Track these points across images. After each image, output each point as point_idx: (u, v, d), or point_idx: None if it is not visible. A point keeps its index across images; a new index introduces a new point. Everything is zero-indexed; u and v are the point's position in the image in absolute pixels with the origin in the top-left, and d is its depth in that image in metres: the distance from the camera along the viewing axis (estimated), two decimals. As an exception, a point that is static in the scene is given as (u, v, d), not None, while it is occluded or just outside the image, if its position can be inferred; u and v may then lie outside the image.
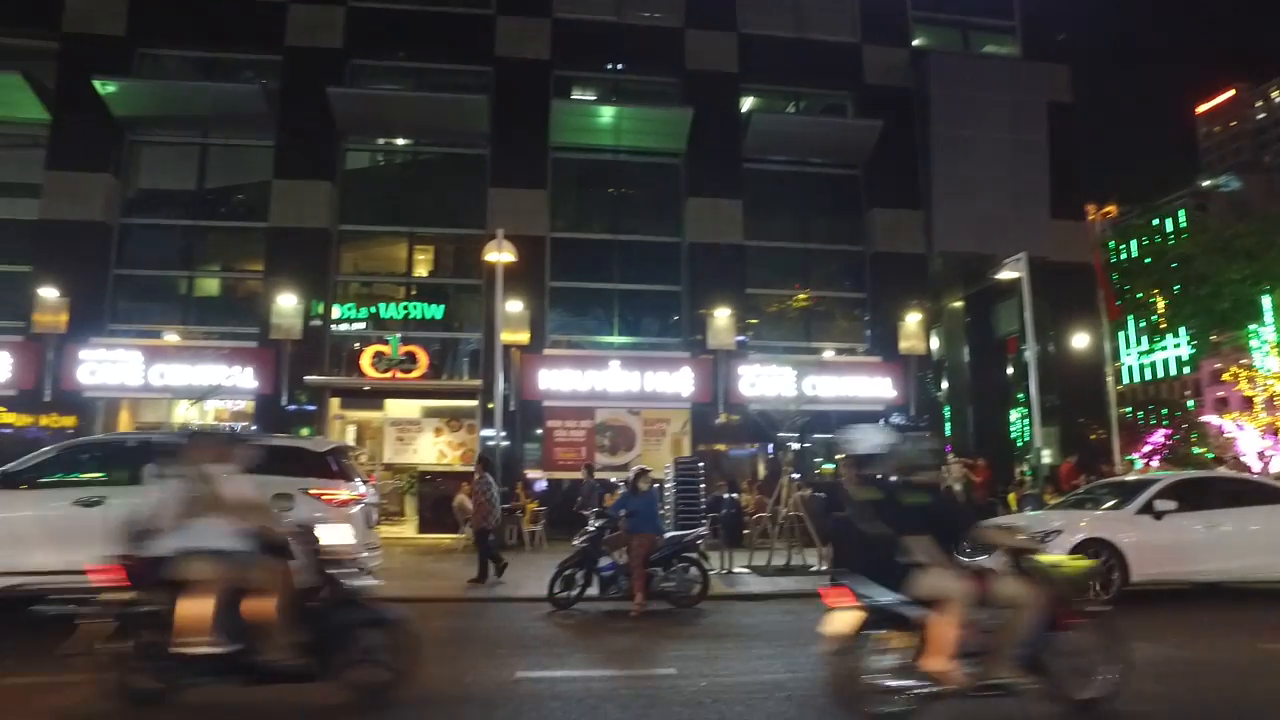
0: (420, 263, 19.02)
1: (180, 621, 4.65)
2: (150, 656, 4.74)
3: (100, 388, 16.76)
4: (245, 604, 4.78)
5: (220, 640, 4.70)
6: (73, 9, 17.83)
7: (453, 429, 18.04)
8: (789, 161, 19.79)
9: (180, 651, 4.65)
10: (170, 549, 4.84)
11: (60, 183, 17.21)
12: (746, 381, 17.87)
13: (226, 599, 4.74)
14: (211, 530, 4.93)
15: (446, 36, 18.71)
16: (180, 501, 4.97)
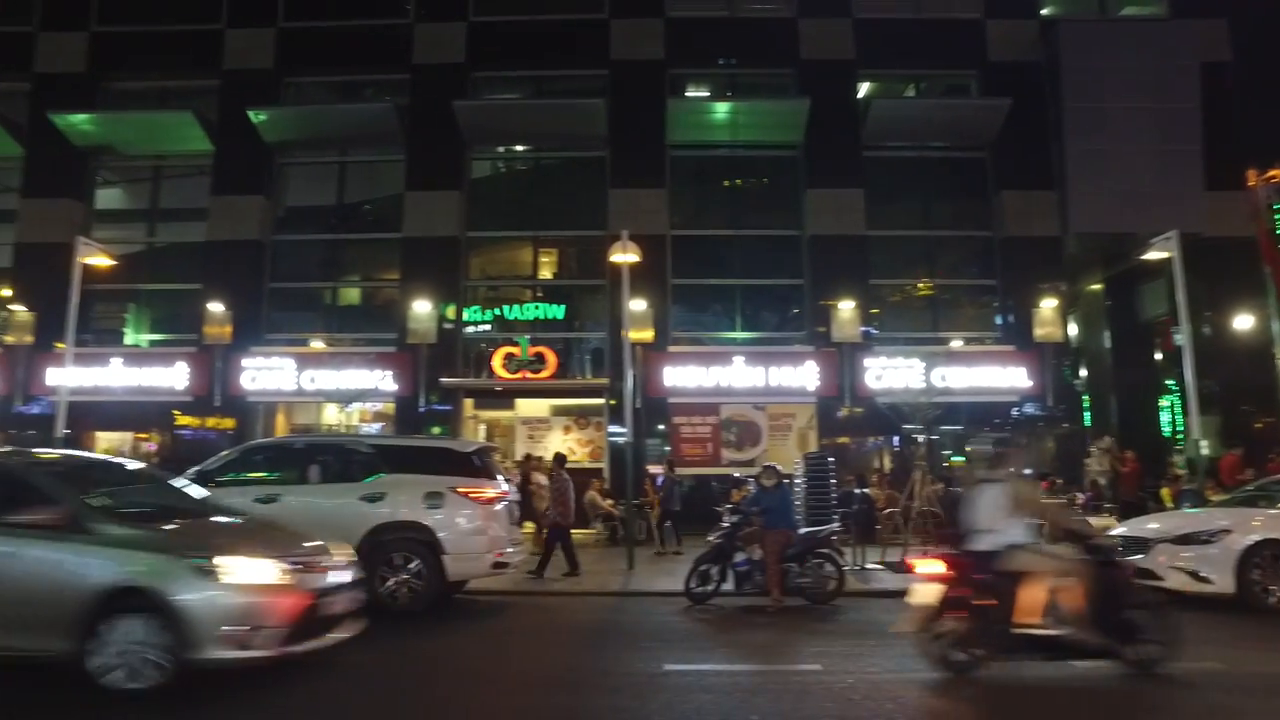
0: (544, 265, 19.59)
1: (1021, 605, 5.64)
2: (989, 635, 5.70)
3: (260, 392, 18.18)
4: (1062, 591, 5.69)
5: (1050, 623, 5.71)
6: (231, 50, 19.39)
7: (581, 426, 18.54)
8: (910, 147, 19.19)
9: (1021, 632, 5.66)
10: (996, 544, 5.80)
11: (222, 206, 18.80)
12: (872, 374, 17.51)
13: (1056, 587, 5.72)
14: (1016, 526, 5.87)
15: (562, 43, 19.18)
16: (1003, 502, 5.86)
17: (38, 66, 19.54)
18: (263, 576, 5.35)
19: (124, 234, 19.84)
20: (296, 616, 5.41)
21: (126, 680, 5.04)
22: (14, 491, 5.61)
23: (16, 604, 5.15)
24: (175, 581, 5.14)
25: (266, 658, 5.28)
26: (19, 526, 5.35)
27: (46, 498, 5.48)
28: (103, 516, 5.56)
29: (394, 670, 6.32)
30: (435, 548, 8.39)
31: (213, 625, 5.10)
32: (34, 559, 5.25)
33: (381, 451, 9.12)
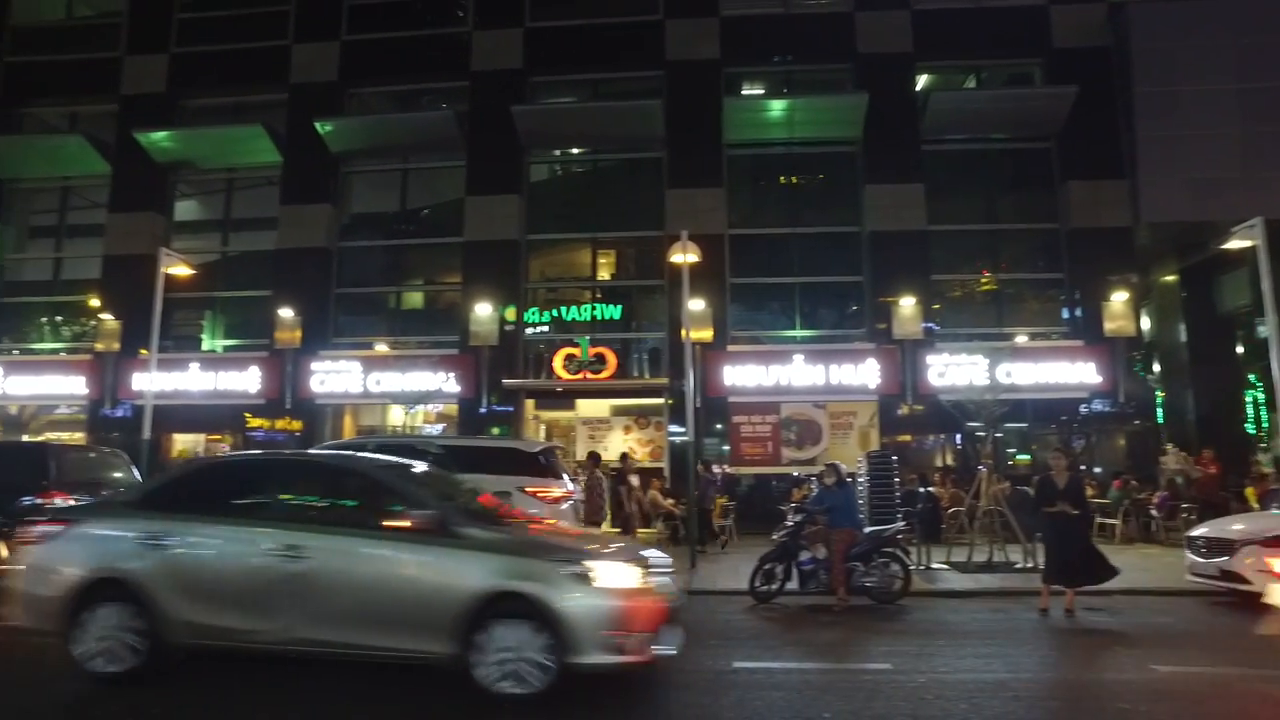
0: (603, 266, 19.73)
1: None
2: None
3: (328, 395, 18.75)
4: None
5: None
6: (298, 64, 20.08)
7: (641, 426, 18.66)
8: (971, 139, 18.80)
9: None
10: None
11: (291, 215, 19.47)
12: (935, 371, 17.23)
13: None
14: None
15: (618, 46, 19.33)
16: None
17: (124, 89, 20.54)
18: (630, 581, 5.36)
19: (200, 244, 20.66)
20: (660, 620, 5.52)
21: (511, 685, 5.09)
22: (379, 497, 5.82)
23: (398, 608, 5.25)
24: (556, 587, 5.15)
25: (639, 662, 5.31)
26: (397, 531, 5.45)
27: (417, 502, 5.61)
28: (465, 520, 5.64)
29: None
30: None
31: (594, 630, 5.11)
32: (413, 563, 5.35)
33: (450, 452, 9.35)
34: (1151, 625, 8.17)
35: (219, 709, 5.32)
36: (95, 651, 5.42)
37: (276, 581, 5.36)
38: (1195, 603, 9.23)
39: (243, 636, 5.42)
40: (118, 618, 5.42)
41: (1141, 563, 11.97)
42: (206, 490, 6.10)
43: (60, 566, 5.59)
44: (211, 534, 5.62)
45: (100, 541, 5.67)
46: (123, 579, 5.46)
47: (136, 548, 5.53)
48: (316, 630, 5.31)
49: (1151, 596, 9.63)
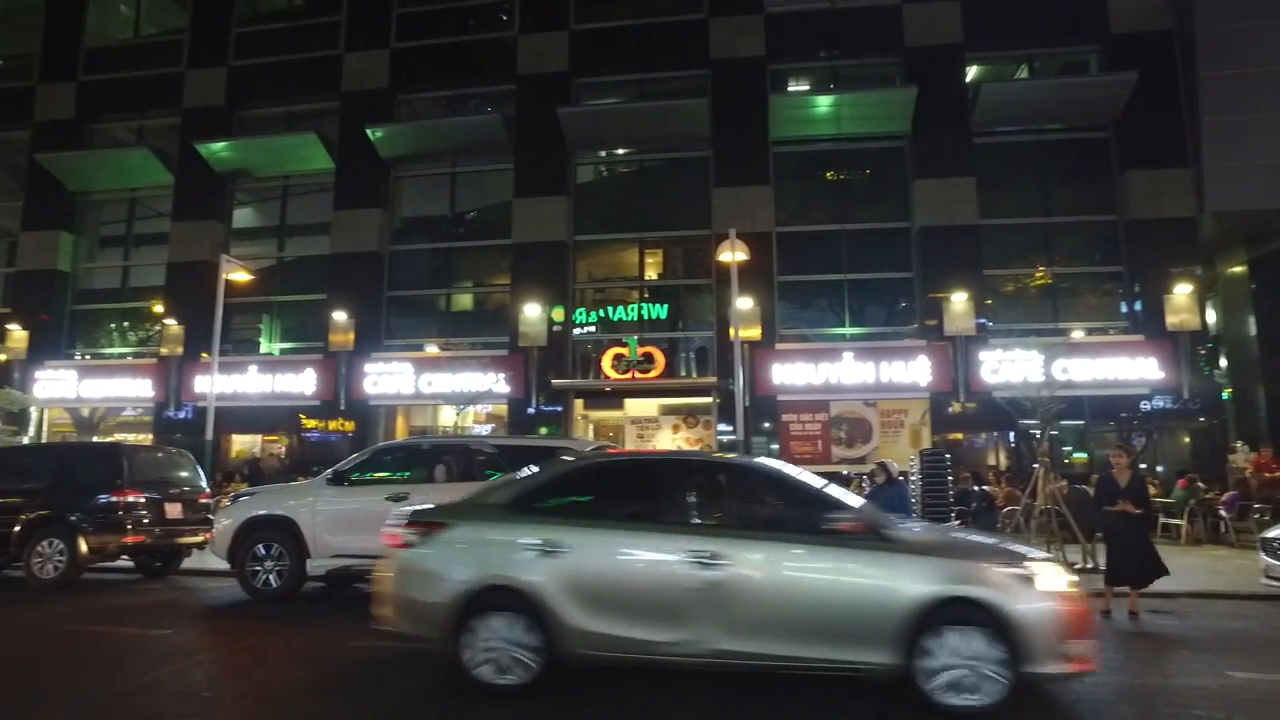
0: (650, 266, 19.79)
1: None
2: None
3: (381, 396, 19.15)
4: None
5: None
6: (349, 72, 20.60)
7: (689, 425, 18.68)
8: (1024, 130, 18.39)
9: None
10: None
11: (344, 220, 19.94)
12: (988, 368, 16.92)
13: None
14: None
15: (662, 45, 19.38)
16: None
17: (185, 102, 21.32)
18: (1065, 583, 5.00)
19: (257, 250, 21.31)
20: (1093, 627, 5.26)
21: (962, 697, 4.73)
22: (796, 499, 5.54)
23: (830, 617, 4.93)
24: (1008, 591, 4.79)
25: (1084, 670, 4.97)
26: (824, 536, 5.12)
27: (838, 505, 5.37)
28: (889, 521, 5.38)
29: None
30: (557, 545, 8.62)
31: (1049, 636, 4.75)
32: (844, 569, 5.02)
33: (503, 452, 9.43)
34: (1224, 630, 7.90)
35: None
36: (482, 661, 5.23)
37: (689, 590, 5.03)
38: (1272, 607, 8.90)
39: (648, 648, 5.12)
40: (509, 628, 5.21)
41: (1211, 565, 11.59)
42: (590, 492, 5.84)
43: (444, 573, 5.38)
44: (611, 539, 5.34)
45: (485, 547, 5.43)
46: (516, 587, 5.21)
47: (528, 554, 5.27)
48: (734, 642, 5.00)
49: (1222, 600, 9.31)
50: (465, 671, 5.24)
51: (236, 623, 8.31)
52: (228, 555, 9.50)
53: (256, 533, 9.39)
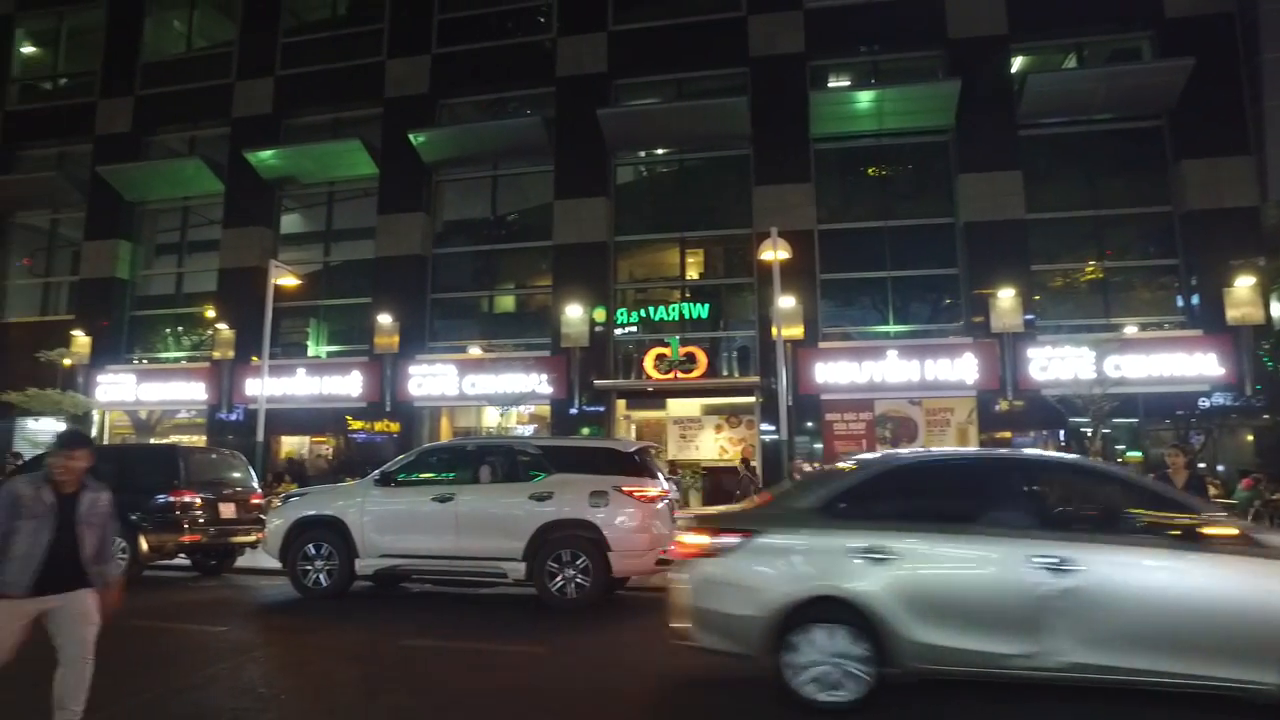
0: (691, 265, 19.72)
1: None
2: None
3: (425, 398, 19.39)
4: None
5: None
6: (391, 78, 20.89)
7: (732, 425, 18.58)
8: (1073, 121, 17.85)
9: None
10: None
11: (388, 224, 20.25)
12: (1036, 365, 16.54)
13: None
14: None
15: (701, 44, 19.30)
16: None
17: (235, 112, 21.89)
18: None
19: (304, 255, 21.73)
20: None
21: None
22: (1147, 502, 5.25)
23: (1205, 631, 4.62)
24: None
25: None
26: (1188, 541, 4.86)
27: (1197, 509, 5.18)
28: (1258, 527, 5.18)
29: (567, 663, 6.61)
30: (601, 545, 8.70)
31: None
32: (1219, 578, 4.72)
33: (547, 452, 9.50)
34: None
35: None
36: (809, 679, 4.93)
37: (1039, 599, 4.74)
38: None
39: (993, 661, 4.83)
40: (837, 641, 4.93)
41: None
42: (910, 494, 5.48)
43: (760, 584, 5.09)
44: (946, 544, 5.08)
45: (804, 555, 5.12)
46: (845, 598, 4.92)
47: (855, 562, 4.97)
48: (1091, 654, 4.70)
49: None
50: (789, 689, 4.96)
51: (289, 620, 8.51)
52: (279, 554, 9.72)
53: (307, 532, 9.60)
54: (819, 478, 5.83)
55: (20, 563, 4.01)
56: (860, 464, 5.86)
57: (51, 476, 4.14)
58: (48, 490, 4.12)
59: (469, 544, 9.06)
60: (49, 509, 4.09)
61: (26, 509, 4.05)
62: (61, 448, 4.20)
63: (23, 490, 4.08)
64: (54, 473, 4.14)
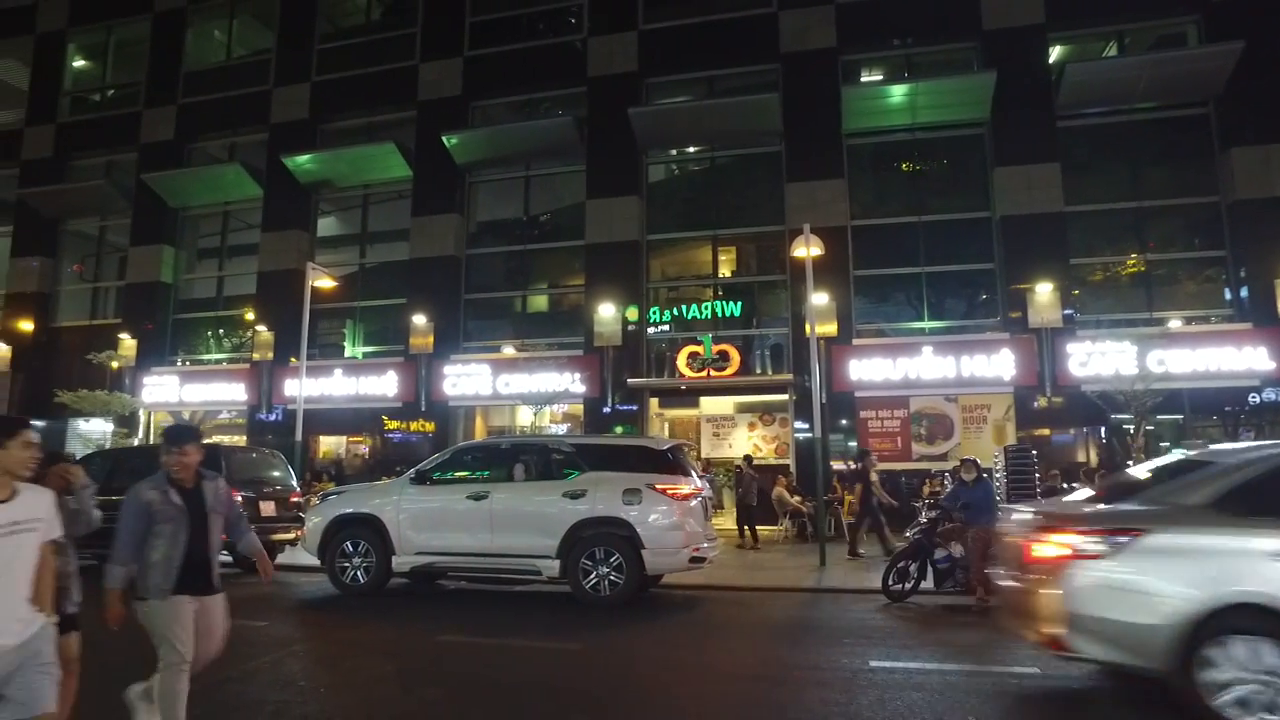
0: (724, 263, 19.65)
1: None
2: None
3: (460, 397, 19.56)
4: None
5: None
6: (424, 82, 21.15)
7: (766, 423, 18.48)
8: (1113, 111, 17.46)
9: None
10: None
11: (422, 226, 20.49)
12: (1076, 360, 16.21)
13: None
14: None
15: (731, 41, 19.22)
16: None
17: (273, 118, 22.33)
18: None
19: (340, 257, 22.08)
20: None
21: None
22: None
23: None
24: None
25: None
26: None
27: None
28: None
29: (603, 660, 6.64)
30: (634, 542, 8.71)
31: None
32: None
33: (580, 450, 9.54)
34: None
35: None
36: (1232, 700, 4.42)
37: None
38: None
39: None
40: (1264, 656, 4.41)
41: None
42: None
43: (1161, 589, 4.66)
44: None
45: (1213, 558, 4.65)
46: (1272, 606, 4.46)
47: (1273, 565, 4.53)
48: None
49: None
50: (1209, 710, 4.45)
51: (327, 616, 8.66)
52: (318, 552, 9.88)
53: (344, 530, 9.74)
54: (1194, 469, 5.22)
55: (162, 567, 3.99)
56: (1258, 458, 5.10)
57: (170, 475, 4.10)
58: (173, 491, 4.07)
59: (503, 541, 9.13)
60: (180, 510, 4.05)
61: (160, 513, 4.00)
62: (172, 444, 4.14)
63: (150, 495, 4.02)
64: (172, 471, 4.10)
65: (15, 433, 3.14)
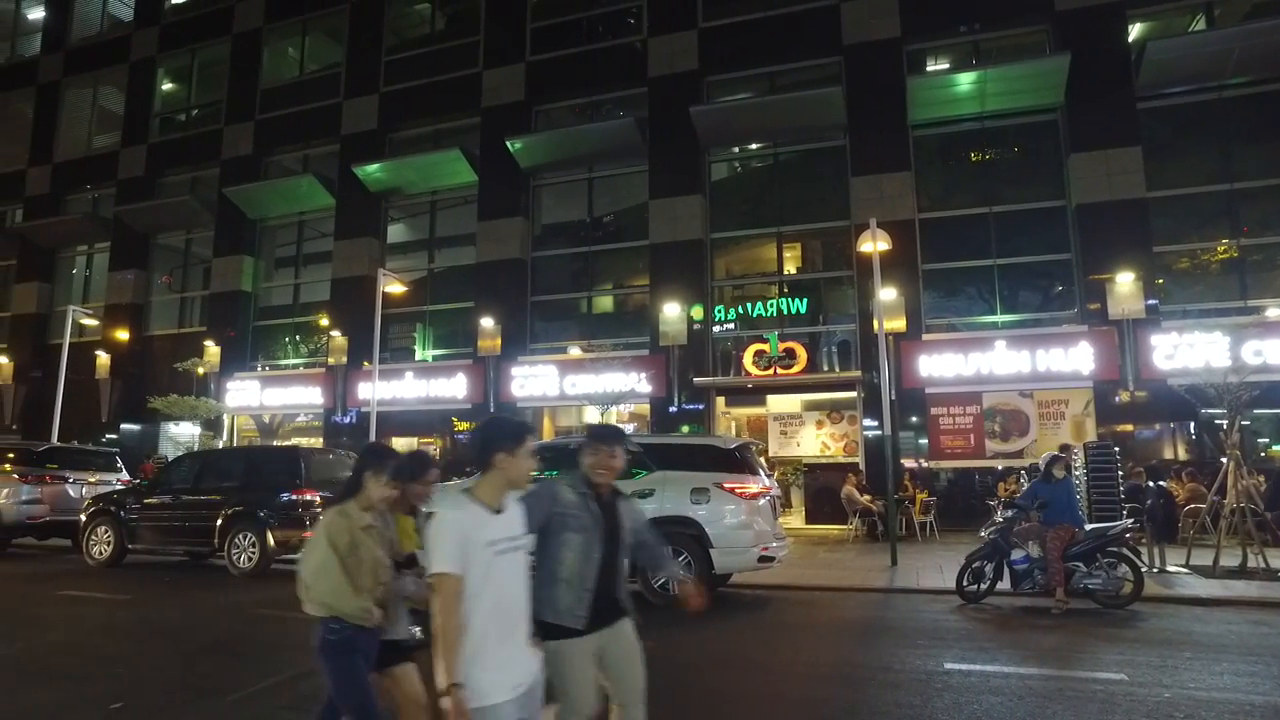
0: (789, 260, 19.45)
1: None
2: None
3: (528, 398, 19.84)
4: None
5: None
6: (487, 88, 21.56)
7: (834, 421, 18.25)
8: (1199, 90, 16.59)
9: None
10: None
11: (488, 230, 20.86)
12: (1161, 353, 15.52)
13: None
14: None
15: (792, 35, 19.02)
16: None
17: (343, 129, 23.08)
18: None
19: (410, 263, 22.63)
20: None
21: None
22: None
23: None
24: None
25: None
26: None
27: None
28: None
29: (672, 659, 6.66)
30: (703, 541, 8.71)
31: None
32: None
33: (648, 449, 9.55)
34: None
35: None
36: None
37: None
38: None
39: None
40: None
41: None
42: None
43: None
44: None
45: None
46: None
47: None
48: None
49: None
50: None
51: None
52: (393, 550, 10.12)
53: (420, 529, 9.96)
54: None
55: (573, 586, 3.15)
56: None
57: (591, 479, 3.29)
58: (592, 498, 3.27)
59: (572, 540, 9.20)
60: (595, 519, 3.23)
61: (574, 518, 3.19)
62: (601, 443, 3.31)
63: (566, 494, 3.22)
64: (594, 474, 3.29)
65: (524, 439, 2.69)
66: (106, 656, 6.62)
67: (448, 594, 2.44)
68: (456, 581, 2.45)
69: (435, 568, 2.46)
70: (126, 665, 6.28)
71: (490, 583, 2.52)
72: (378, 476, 3.44)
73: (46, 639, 7.26)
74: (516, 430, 2.70)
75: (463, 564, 2.46)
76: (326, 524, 3.39)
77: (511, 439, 2.66)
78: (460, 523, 2.52)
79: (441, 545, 2.47)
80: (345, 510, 3.42)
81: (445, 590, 2.44)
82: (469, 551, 2.48)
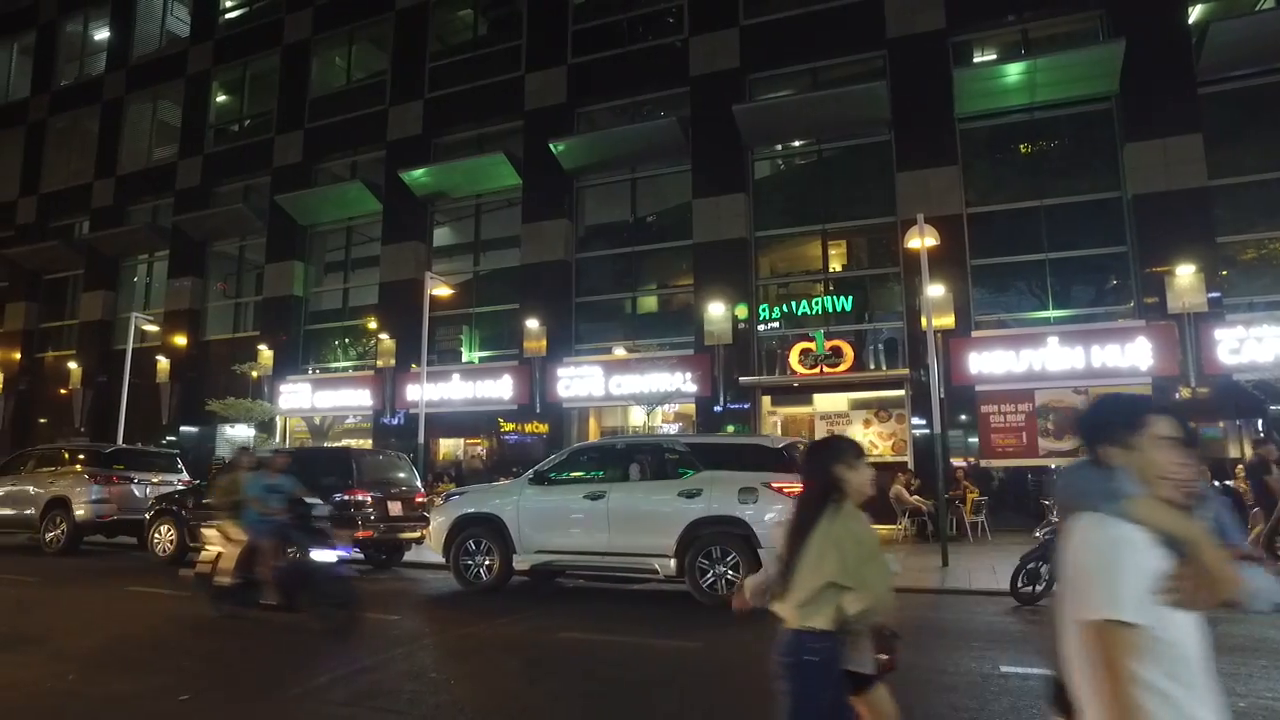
0: (834, 257, 19.24)
1: None
2: None
3: (573, 399, 19.94)
4: None
5: None
6: (530, 92, 21.73)
7: (882, 420, 17.99)
8: (1267, 71, 15.85)
9: None
10: None
11: (533, 232, 21.03)
12: (1225, 347, 14.99)
13: None
14: None
15: (834, 30, 18.80)
16: None
17: (389, 135, 23.47)
18: None
19: (455, 266, 22.93)
20: None
21: None
22: None
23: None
24: None
25: None
26: None
27: None
28: None
29: (720, 658, 6.64)
30: (750, 541, 8.65)
31: None
32: None
33: (695, 449, 9.54)
34: None
35: None
36: None
37: None
38: None
39: None
40: None
41: None
42: None
43: None
44: None
45: None
46: None
47: None
48: None
49: None
50: None
51: (453, 612, 9.01)
52: (442, 550, 10.28)
53: (467, 529, 10.10)
54: None
55: None
56: None
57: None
58: None
59: (620, 540, 9.25)
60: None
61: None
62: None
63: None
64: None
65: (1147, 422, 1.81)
66: (173, 649, 6.84)
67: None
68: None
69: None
70: (191, 658, 6.48)
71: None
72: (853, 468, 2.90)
73: (119, 632, 7.52)
74: (1141, 409, 1.84)
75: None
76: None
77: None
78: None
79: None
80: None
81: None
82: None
